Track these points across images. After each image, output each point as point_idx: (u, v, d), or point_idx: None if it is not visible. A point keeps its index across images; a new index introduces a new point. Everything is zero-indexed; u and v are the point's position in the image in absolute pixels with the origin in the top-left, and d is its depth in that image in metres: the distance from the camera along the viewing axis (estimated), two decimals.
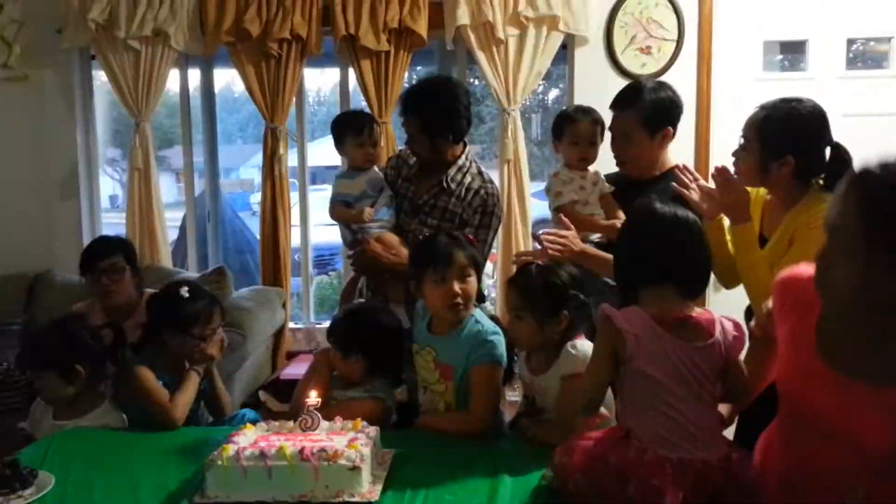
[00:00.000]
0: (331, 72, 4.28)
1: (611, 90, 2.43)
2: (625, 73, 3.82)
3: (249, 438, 1.74)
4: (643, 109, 2.29)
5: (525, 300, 1.90)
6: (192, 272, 4.07)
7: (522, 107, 3.91)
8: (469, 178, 2.48)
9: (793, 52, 4.01)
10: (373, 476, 1.67)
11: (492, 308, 3.35)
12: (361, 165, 2.57)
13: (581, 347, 1.85)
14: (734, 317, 1.58)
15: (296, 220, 4.21)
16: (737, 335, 1.55)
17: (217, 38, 3.86)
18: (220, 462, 1.63)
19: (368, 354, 2.11)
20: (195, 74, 4.25)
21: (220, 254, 4.49)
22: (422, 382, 2.10)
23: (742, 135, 2.13)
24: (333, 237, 2.90)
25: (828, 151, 2.06)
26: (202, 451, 1.76)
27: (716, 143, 3.79)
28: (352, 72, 3.92)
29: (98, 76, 4.20)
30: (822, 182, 2.07)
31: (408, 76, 4.02)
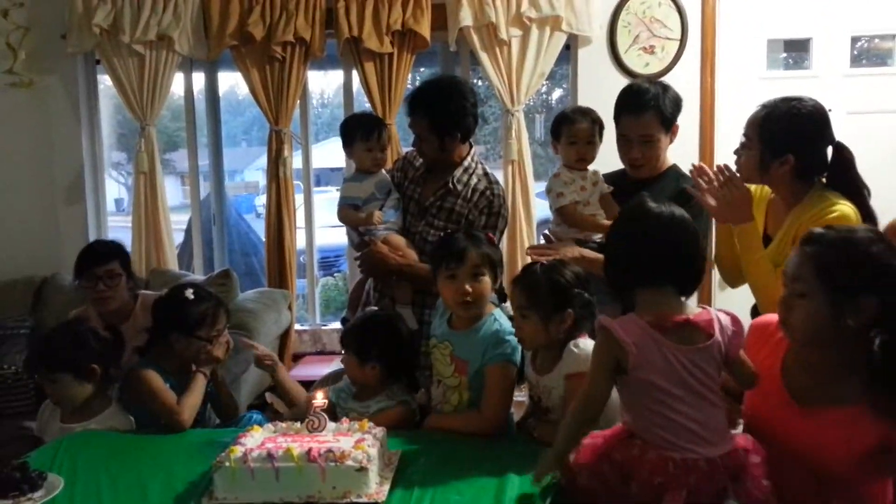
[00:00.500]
0: (334, 74, 4.30)
1: (614, 90, 2.44)
2: (628, 73, 3.82)
3: (257, 440, 1.75)
4: (664, 110, 2.29)
5: (530, 299, 1.90)
6: (199, 275, 4.09)
7: (526, 107, 3.92)
8: (475, 180, 2.48)
9: (796, 50, 4.01)
10: (380, 477, 1.67)
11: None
12: (370, 169, 2.57)
13: (584, 346, 1.85)
14: (731, 310, 1.57)
15: (301, 222, 4.22)
16: (735, 329, 1.54)
17: (221, 42, 3.88)
18: (228, 463, 1.63)
19: (385, 361, 2.13)
20: (199, 78, 4.27)
21: (226, 256, 4.50)
22: (436, 376, 2.11)
23: (743, 133, 2.13)
24: (338, 239, 2.91)
25: (829, 151, 2.06)
26: (210, 453, 1.77)
27: (720, 142, 3.79)
28: (355, 74, 3.94)
29: (103, 81, 4.22)
30: (825, 180, 2.07)
31: (411, 78, 4.03)
